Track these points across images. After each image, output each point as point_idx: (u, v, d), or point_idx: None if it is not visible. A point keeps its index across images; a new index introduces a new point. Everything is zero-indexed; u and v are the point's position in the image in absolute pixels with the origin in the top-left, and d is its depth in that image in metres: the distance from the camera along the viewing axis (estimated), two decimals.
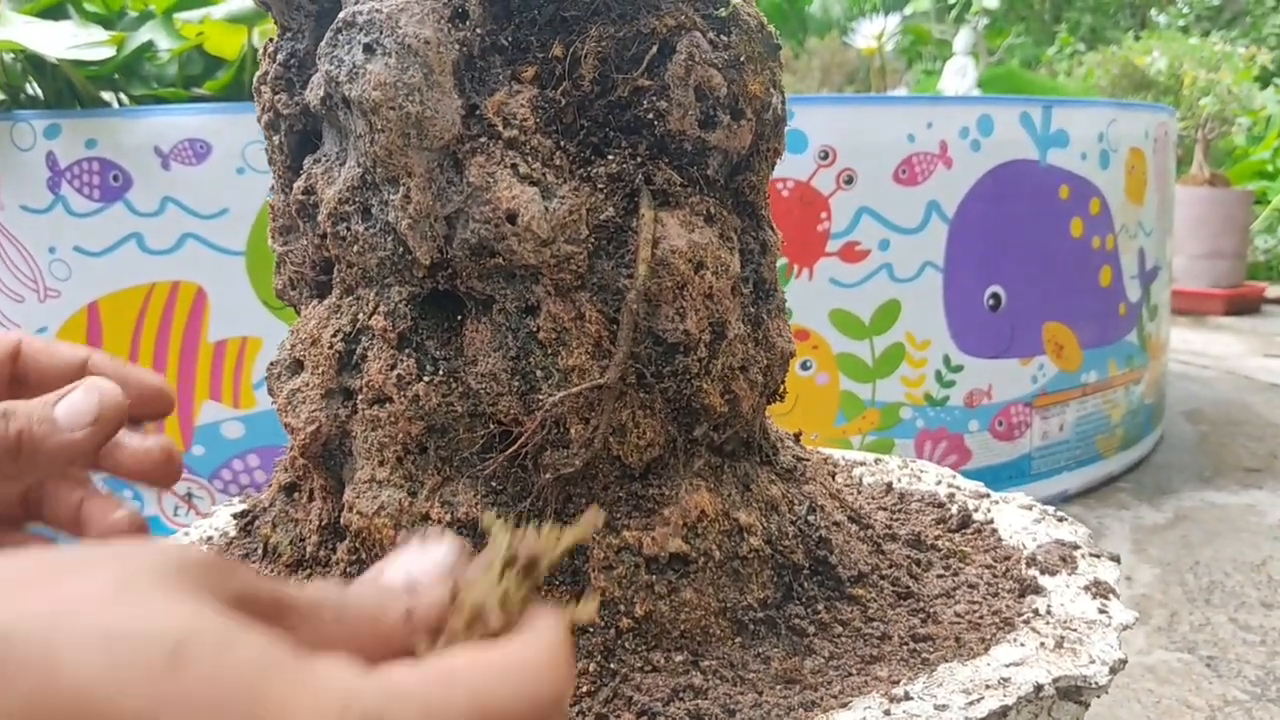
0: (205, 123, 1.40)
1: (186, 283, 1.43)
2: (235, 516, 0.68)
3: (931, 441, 1.59)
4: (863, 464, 0.84)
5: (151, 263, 1.43)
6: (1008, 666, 0.52)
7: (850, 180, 1.49)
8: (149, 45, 1.53)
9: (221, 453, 1.46)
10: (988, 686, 0.50)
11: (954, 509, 0.73)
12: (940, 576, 0.63)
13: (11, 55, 1.46)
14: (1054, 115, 1.65)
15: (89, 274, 1.44)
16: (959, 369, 1.59)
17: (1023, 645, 0.54)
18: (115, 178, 1.41)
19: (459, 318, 0.53)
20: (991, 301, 1.61)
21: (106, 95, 1.57)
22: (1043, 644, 0.54)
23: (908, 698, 0.48)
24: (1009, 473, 1.66)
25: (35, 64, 1.47)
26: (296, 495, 0.62)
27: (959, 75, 3.35)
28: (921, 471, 0.82)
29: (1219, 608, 1.46)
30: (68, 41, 1.40)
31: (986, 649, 0.54)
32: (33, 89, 1.54)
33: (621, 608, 0.52)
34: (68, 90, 1.52)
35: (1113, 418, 1.89)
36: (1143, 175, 1.88)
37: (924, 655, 0.54)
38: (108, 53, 1.41)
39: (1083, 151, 1.69)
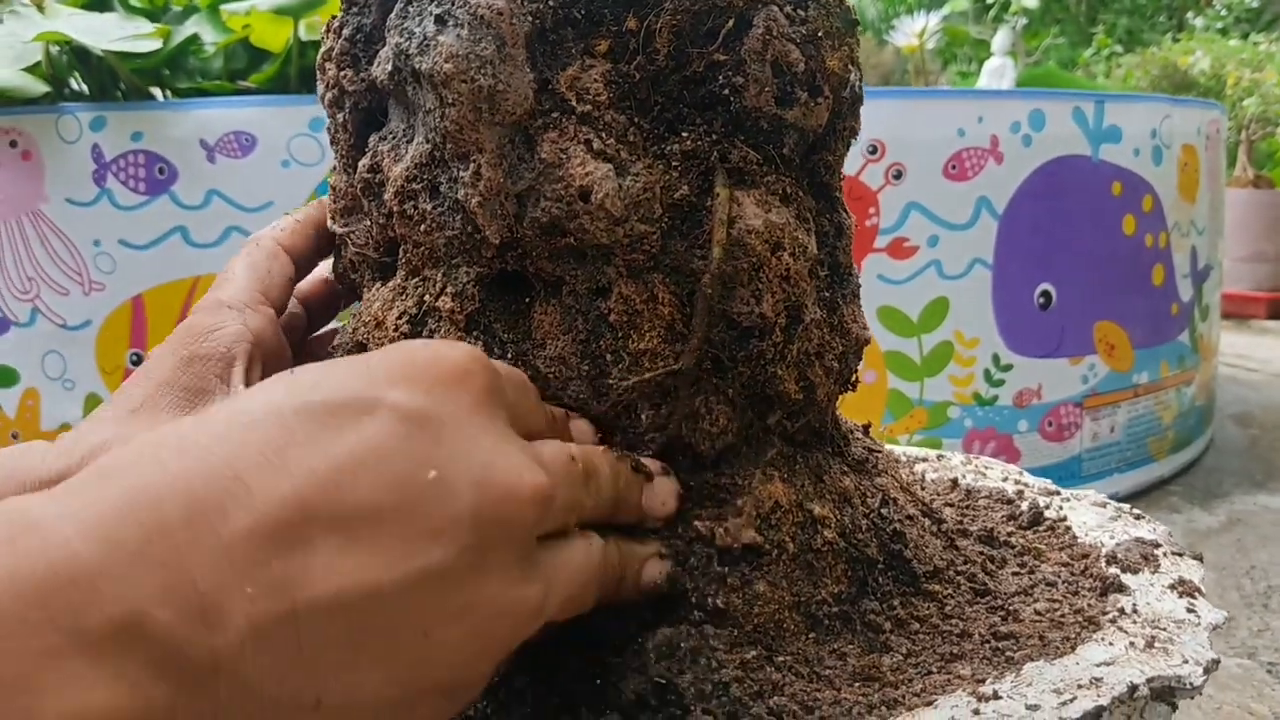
0: (250, 116, 1.39)
1: None
2: None
3: (980, 441, 1.57)
4: (925, 460, 0.82)
5: (196, 256, 1.42)
6: (1099, 666, 0.49)
7: (899, 175, 1.47)
8: (194, 38, 1.53)
9: None
10: (1080, 686, 0.47)
11: (1024, 505, 0.71)
12: (1016, 574, 0.61)
13: (57, 47, 1.46)
14: (1107, 110, 1.62)
15: (134, 267, 1.44)
16: (1008, 368, 1.57)
17: (1111, 645, 0.52)
18: (160, 170, 1.41)
19: (527, 300, 0.52)
20: (1042, 299, 1.58)
21: (151, 89, 1.57)
22: (1132, 644, 0.52)
23: (996, 697, 0.46)
24: (1059, 474, 1.63)
25: (81, 56, 1.47)
26: None
27: (996, 76, 3.31)
28: (986, 468, 0.79)
29: (1277, 612, 1.43)
30: (114, 34, 1.40)
31: (1073, 648, 0.52)
32: (78, 82, 1.54)
33: (694, 599, 0.51)
34: (112, 83, 1.52)
35: (1164, 419, 1.85)
36: (1195, 172, 1.85)
37: (1008, 654, 0.52)
38: (153, 45, 1.40)
39: (1135, 147, 1.66)
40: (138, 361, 1.47)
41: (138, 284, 1.44)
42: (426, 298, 0.52)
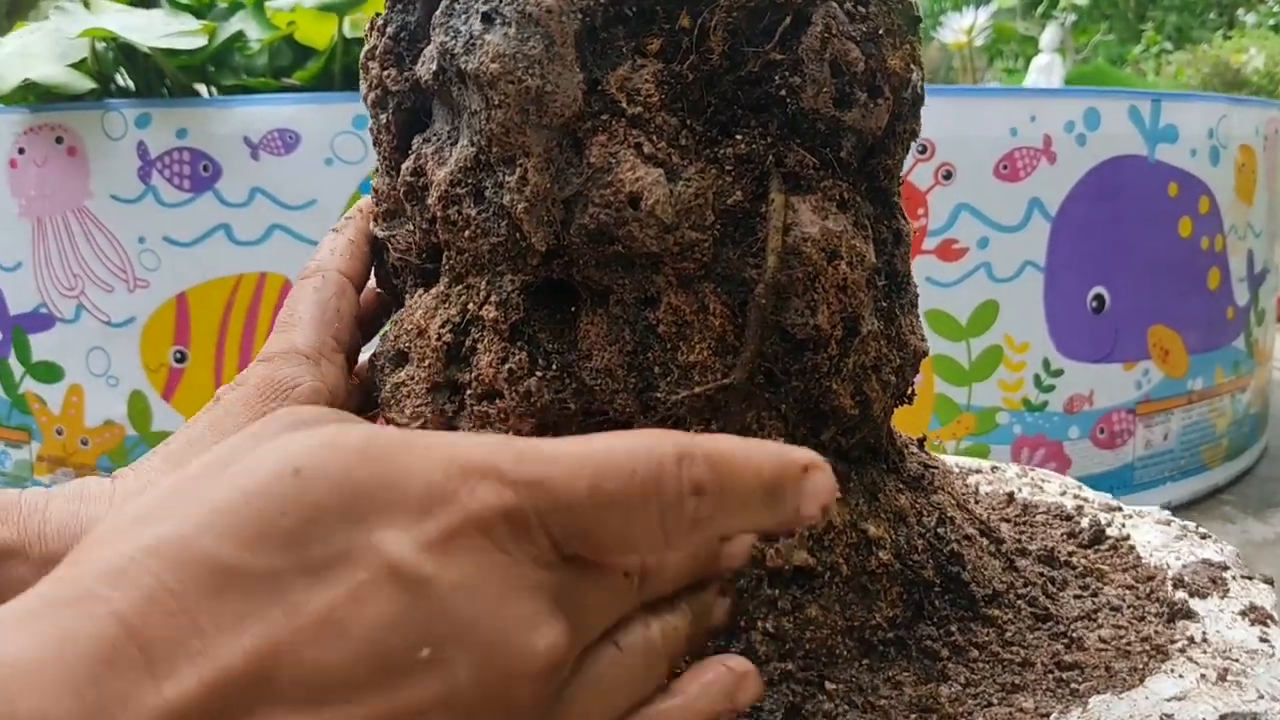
0: (294, 113, 1.39)
1: (273, 274, 1.42)
2: None
3: (1029, 448, 1.53)
4: (978, 472, 0.79)
5: (239, 254, 1.42)
6: (1169, 701, 0.47)
7: (949, 175, 1.44)
8: (240, 35, 1.53)
9: None
10: None
11: (1084, 523, 0.68)
12: (1078, 597, 0.59)
13: (103, 44, 1.46)
14: (1163, 110, 1.58)
15: (178, 264, 1.44)
16: (1059, 373, 1.53)
17: (1181, 677, 0.49)
18: (205, 168, 1.41)
19: (573, 309, 0.50)
20: (1095, 303, 1.54)
21: (196, 85, 1.57)
22: (1203, 676, 0.49)
23: None
24: (1110, 483, 1.59)
25: (126, 53, 1.47)
26: None
27: (1045, 73, 3.26)
28: (1043, 481, 0.77)
29: None
30: (160, 30, 1.40)
31: (1141, 680, 0.50)
32: (123, 79, 1.55)
33: (742, 623, 0.49)
34: (158, 80, 1.52)
35: (1218, 427, 1.81)
36: (1253, 174, 1.80)
37: (1072, 685, 0.50)
38: (199, 42, 1.40)
39: (1192, 148, 1.62)
40: (181, 359, 1.47)
41: (182, 281, 1.44)
42: (470, 306, 0.50)
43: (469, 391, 0.50)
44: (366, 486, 0.28)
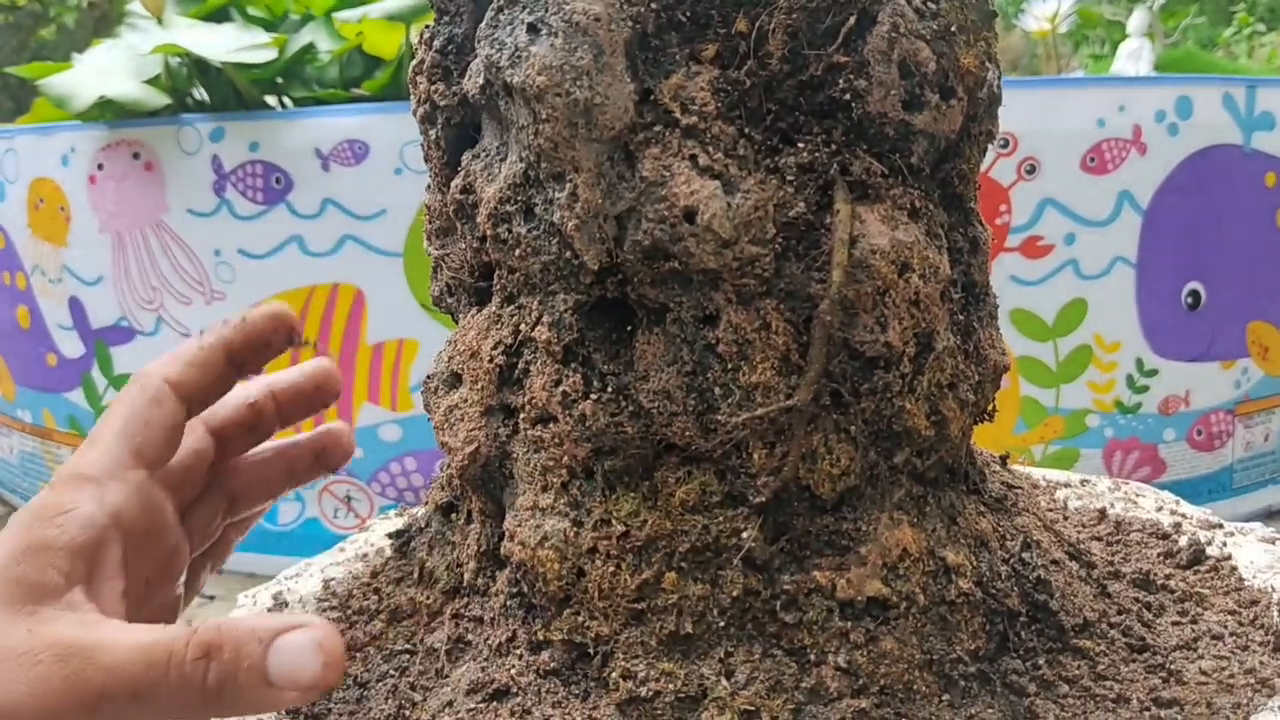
0: (363, 123, 1.39)
1: (345, 285, 1.43)
2: (390, 536, 0.64)
3: (1122, 452, 1.48)
4: (1067, 485, 0.75)
5: (312, 265, 1.43)
6: None
7: (1032, 170, 1.39)
8: (310, 47, 1.54)
9: (380, 456, 1.45)
10: None
11: (1182, 541, 0.64)
12: (1176, 624, 0.55)
13: (176, 59, 1.48)
14: (1259, 96, 1.51)
15: (253, 276, 1.45)
16: (1153, 373, 1.47)
17: None
18: (277, 180, 1.41)
19: (628, 328, 0.48)
20: (1190, 299, 1.48)
21: (268, 99, 1.58)
22: None
23: None
24: (1208, 486, 1.53)
25: (200, 68, 1.49)
26: (454, 516, 0.57)
27: (1133, 58, 3.15)
28: (1137, 495, 0.73)
29: None
30: (231, 45, 1.41)
31: (1246, 718, 0.46)
32: (197, 93, 1.57)
33: (812, 657, 0.46)
34: (231, 94, 1.54)
35: None
36: None
37: None
38: (270, 55, 1.41)
39: None
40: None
41: (256, 292, 1.45)
42: (522, 327, 0.49)
43: (522, 415, 0.48)
44: None
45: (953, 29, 0.47)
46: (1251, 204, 1.51)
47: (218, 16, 1.54)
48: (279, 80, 1.54)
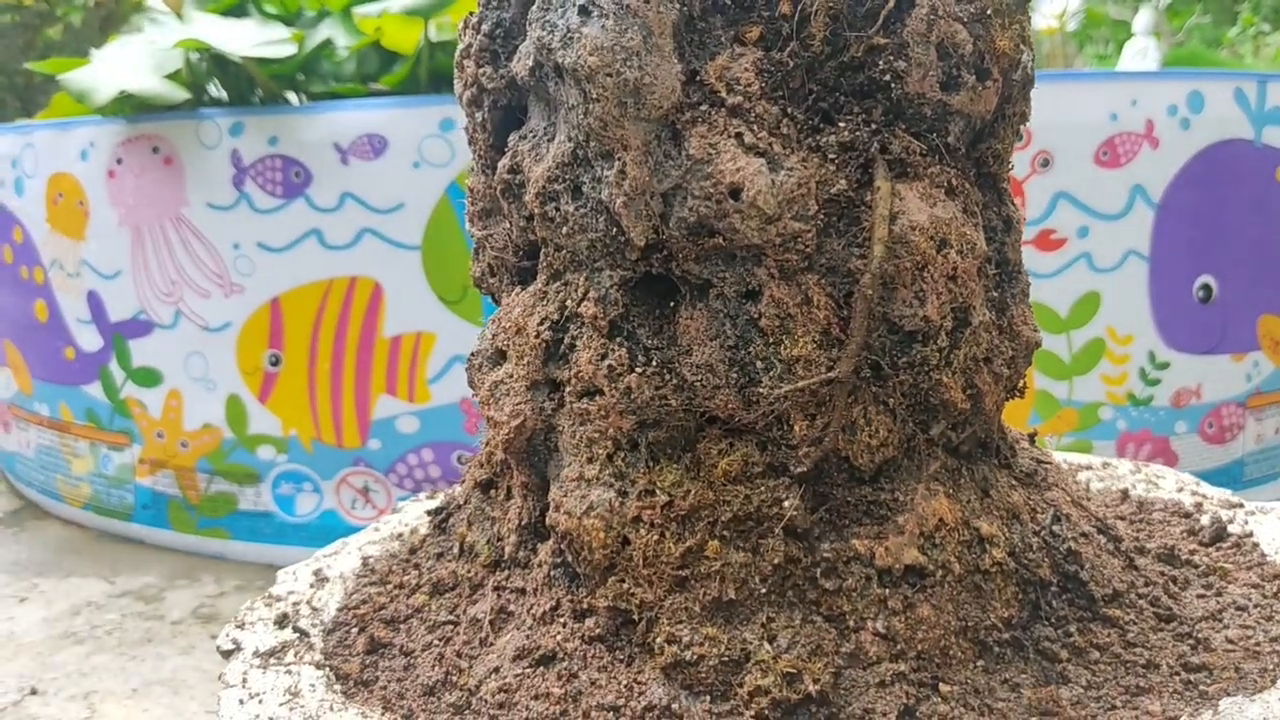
0: (382, 118, 1.40)
1: (364, 278, 1.43)
2: (430, 513, 0.65)
3: (1134, 444, 1.49)
4: (1089, 468, 0.77)
5: (331, 258, 1.44)
6: None
7: (1046, 163, 1.40)
8: (328, 42, 1.55)
9: (397, 447, 1.47)
10: None
11: (1204, 519, 0.65)
12: (1201, 596, 0.56)
13: (196, 54, 1.49)
14: (1269, 91, 1.52)
15: (271, 270, 1.46)
16: (1165, 366, 1.48)
17: None
18: (296, 174, 1.42)
19: (672, 304, 0.49)
20: (1202, 293, 1.49)
21: (287, 93, 1.59)
22: None
23: None
24: (1219, 479, 1.53)
25: (219, 62, 1.50)
26: (493, 493, 0.58)
27: (1139, 57, 3.16)
28: (1158, 477, 0.74)
29: None
30: (251, 40, 1.42)
31: (1273, 682, 0.47)
32: (217, 88, 1.58)
33: (851, 623, 0.47)
34: (249, 88, 1.55)
35: None
36: None
37: (1200, 687, 0.47)
38: (290, 50, 1.42)
39: None
40: (275, 362, 1.49)
41: (275, 286, 1.46)
42: (569, 303, 0.50)
43: (568, 389, 0.50)
44: None
45: (989, 12, 0.48)
46: (1263, 198, 1.52)
47: (235, 12, 1.55)
48: (298, 75, 1.55)
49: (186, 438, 1.56)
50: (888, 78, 0.47)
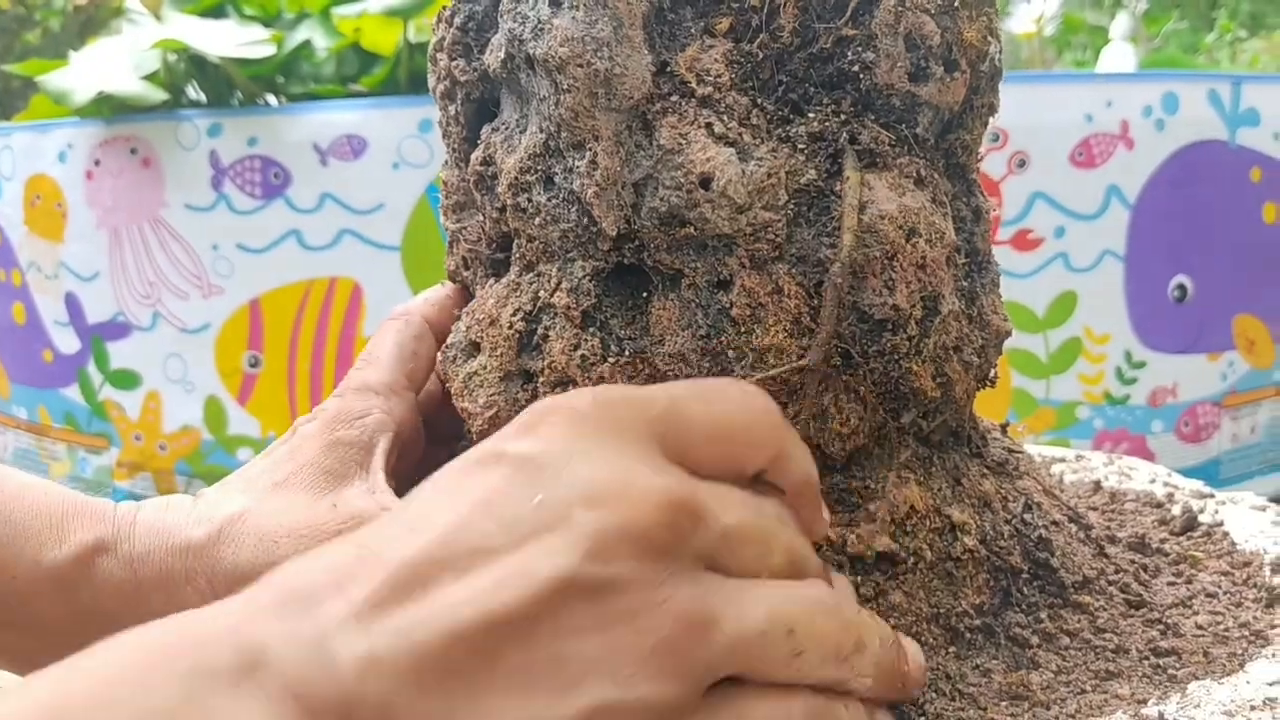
0: (361, 119, 1.40)
1: (343, 278, 1.44)
2: None
3: (1111, 443, 1.50)
4: (1063, 460, 0.77)
5: (310, 259, 1.44)
6: (1271, 685, 0.45)
7: (1023, 164, 1.41)
8: (307, 44, 1.55)
9: None
10: (1253, 708, 0.43)
11: (1175, 509, 0.66)
12: (1171, 584, 0.57)
13: (175, 55, 1.49)
14: (1244, 92, 1.53)
15: (251, 271, 1.46)
16: (1141, 365, 1.49)
17: None
18: (275, 175, 1.42)
19: (645, 294, 0.49)
20: (1177, 293, 1.50)
21: (266, 94, 1.59)
22: None
23: (1161, 718, 0.42)
24: (1196, 477, 1.54)
25: (197, 64, 1.50)
26: None
27: (1116, 62, 3.18)
28: (1131, 469, 0.75)
29: None
30: (230, 41, 1.42)
31: (1241, 666, 0.48)
32: (195, 90, 1.58)
33: None
34: (228, 90, 1.55)
35: None
36: None
37: (1169, 671, 0.48)
38: (269, 51, 1.42)
39: (1275, 131, 1.57)
40: (254, 363, 1.49)
41: (255, 287, 1.46)
42: (541, 294, 0.50)
43: (541, 379, 0.50)
44: (518, 420, 0.37)
45: (956, 4, 0.49)
46: (1237, 199, 1.53)
47: (214, 13, 1.55)
48: (277, 77, 1.55)
49: (165, 440, 1.56)
50: (856, 69, 0.47)
